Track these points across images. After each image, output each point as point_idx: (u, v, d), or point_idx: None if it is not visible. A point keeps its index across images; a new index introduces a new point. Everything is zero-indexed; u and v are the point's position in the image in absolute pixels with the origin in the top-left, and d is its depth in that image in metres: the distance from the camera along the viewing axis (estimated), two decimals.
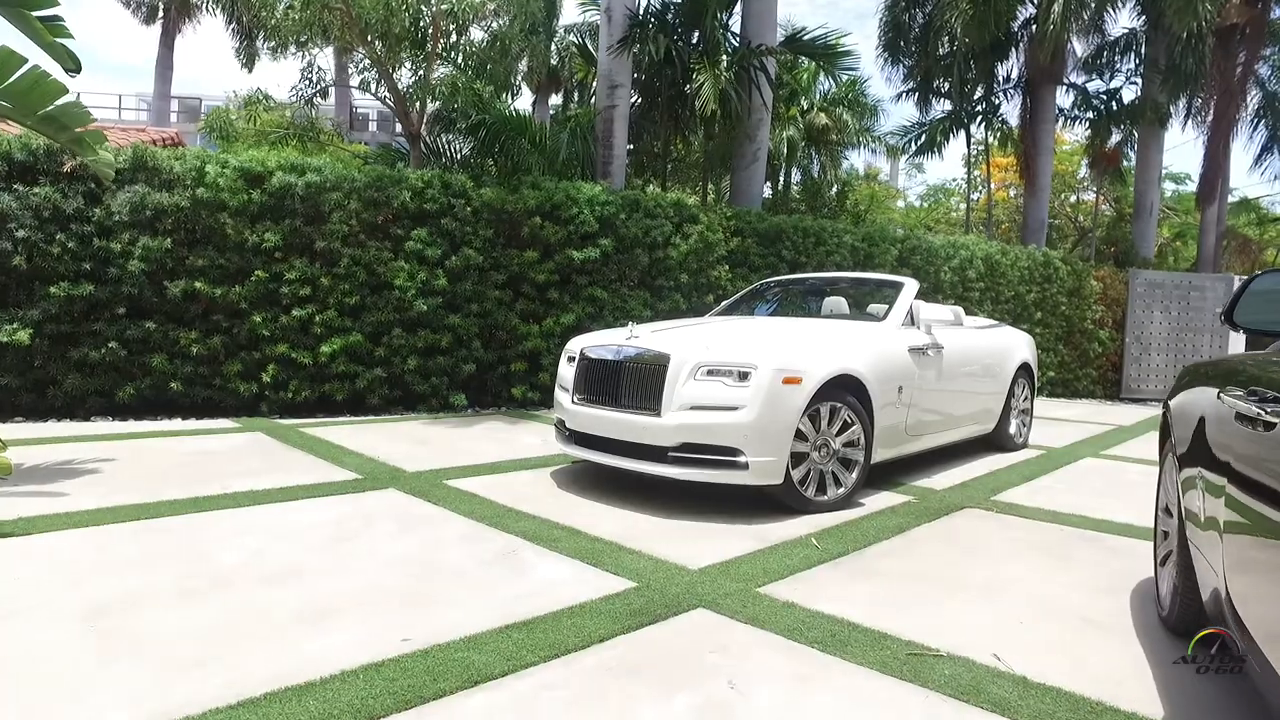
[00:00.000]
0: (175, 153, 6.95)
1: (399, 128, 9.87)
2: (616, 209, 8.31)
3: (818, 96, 18.49)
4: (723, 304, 6.35)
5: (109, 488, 4.14)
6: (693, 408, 3.97)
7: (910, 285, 5.40)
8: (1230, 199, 20.68)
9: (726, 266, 8.99)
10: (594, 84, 11.66)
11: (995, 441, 6.23)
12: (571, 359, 4.73)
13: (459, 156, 11.23)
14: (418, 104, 9.00)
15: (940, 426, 5.30)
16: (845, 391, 4.25)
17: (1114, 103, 16.17)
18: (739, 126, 10.77)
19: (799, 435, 4.04)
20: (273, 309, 7.06)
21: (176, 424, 6.29)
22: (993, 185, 20.39)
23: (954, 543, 3.74)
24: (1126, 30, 16.64)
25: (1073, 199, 25.49)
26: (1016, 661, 2.43)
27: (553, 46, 18.77)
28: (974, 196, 23.07)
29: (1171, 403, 2.61)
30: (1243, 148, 17.28)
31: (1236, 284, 14.48)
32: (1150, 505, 4.54)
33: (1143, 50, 16.11)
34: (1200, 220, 17.45)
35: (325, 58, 9.97)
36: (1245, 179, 58.09)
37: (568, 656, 2.37)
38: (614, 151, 9.70)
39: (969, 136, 16.59)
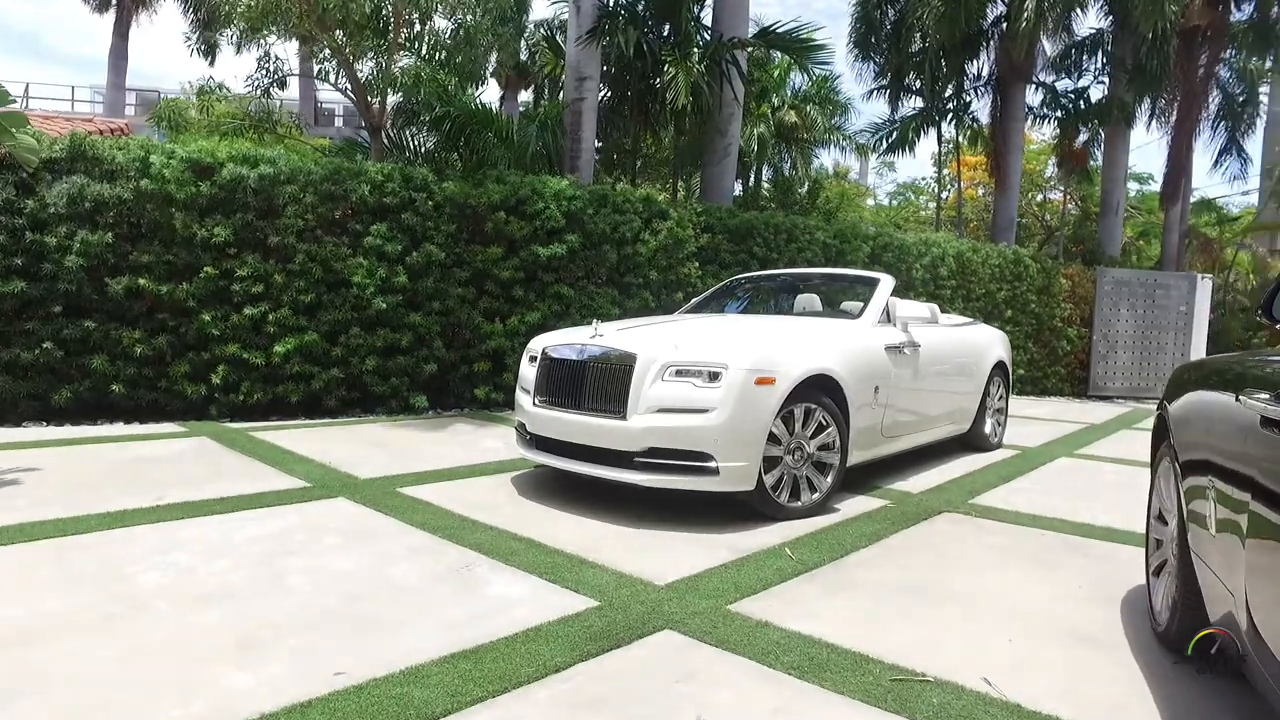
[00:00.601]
0: (118, 142, 6.58)
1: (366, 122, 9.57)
2: (584, 204, 8.07)
3: (789, 94, 18.38)
4: (692, 301, 6.15)
5: (29, 500, 3.82)
6: (660, 410, 3.76)
7: (886, 281, 5.24)
8: (1191, 199, 20.93)
9: (696, 264, 8.79)
10: (563, 77, 11.39)
11: (971, 441, 6.10)
12: (533, 359, 4.49)
13: (423, 150, 10.91)
14: (379, 95, 8.68)
15: (917, 427, 5.14)
16: (820, 392, 4.06)
17: (1082, 102, 16.26)
18: (710, 121, 10.58)
19: (772, 438, 3.85)
20: (223, 307, 6.72)
21: (117, 429, 5.94)
22: (962, 184, 20.44)
23: (934, 551, 3.57)
24: (1094, 30, 16.73)
25: (1039, 198, 25.67)
26: (1008, 686, 2.25)
27: (522, 43, 18.47)
28: (943, 195, 23.14)
29: (1172, 406, 2.44)
30: (1203, 149, 17.59)
31: (1200, 282, 14.66)
32: (1131, 508, 4.44)
33: (1109, 50, 16.20)
34: (1164, 219, 17.61)
35: (287, 49, 9.58)
36: (1205, 179, 59.20)
37: (519, 690, 2.14)
38: (582, 145, 9.46)
39: (940, 134, 16.58)
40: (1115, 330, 13.79)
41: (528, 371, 4.52)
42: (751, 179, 19.02)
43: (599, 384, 3.97)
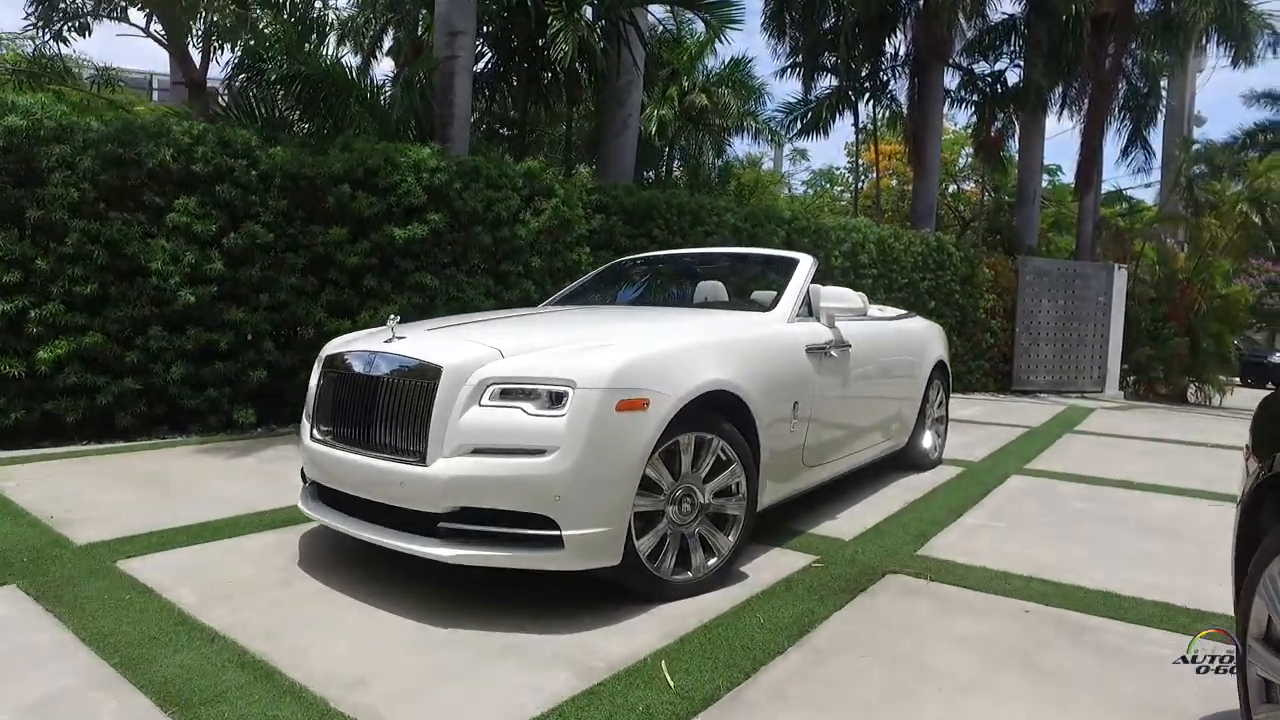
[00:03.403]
0: None
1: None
2: (450, 177, 6.72)
3: (700, 77, 17.39)
4: (561, 291, 4.88)
5: None
6: (476, 451, 2.49)
7: (805, 263, 4.09)
8: (1102, 190, 20.90)
9: (587, 249, 7.55)
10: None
11: (908, 458, 5.04)
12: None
13: (273, 117, 9.32)
14: (198, 43, 7.10)
15: (847, 448, 4.02)
16: (718, 415, 2.87)
17: (999, 85, 15.75)
18: (606, 89, 9.36)
19: (647, 485, 2.64)
20: None
21: None
22: (879, 173, 19.82)
23: (882, 654, 2.41)
24: (1007, 16, 16.26)
25: (952, 188, 25.43)
26: None
27: (421, 14, 16.88)
28: (859, 185, 22.56)
29: None
30: (1111, 140, 17.43)
31: (1117, 272, 14.27)
32: (1118, 553, 3.34)
33: (1024, 33, 15.74)
34: (1079, 209, 17.34)
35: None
36: (1112, 171, 60.80)
37: None
38: (455, 111, 8.07)
39: (857, 115, 15.79)
40: (1037, 322, 13.24)
41: (313, 388, 3.19)
42: (663, 167, 17.96)
43: (391, 410, 2.68)
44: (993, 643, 2.49)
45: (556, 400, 2.48)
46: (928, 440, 5.12)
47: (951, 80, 15.97)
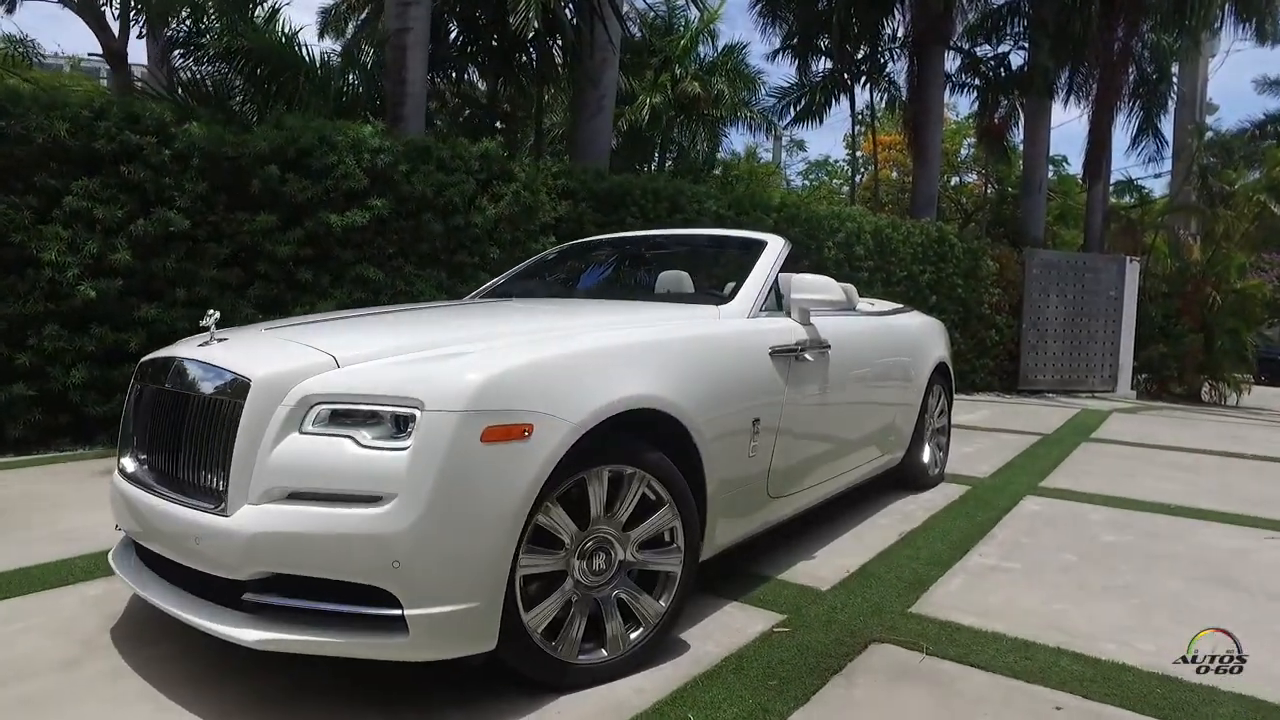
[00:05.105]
0: None
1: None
2: (395, 158, 6.04)
3: (694, 65, 16.76)
4: (489, 283, 4.14)
5: None
6: (292, 496, 1.78)
7: (774, 246, 3.34)
8: (1111, 180, 20.15)
9: (553, 237, 6.85)
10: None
11: (904, 476, 4.31)
12: None
13: (216, 95, 8.63)
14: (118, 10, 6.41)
15: (827, 471, 3.30)
16: (641, 442, 2.15)
17: (1002, 69, 15.01)
18: (579, 68, 8.64)
19: (541, 540, 1.93)
20: None
21: None
22: (877, 161, 19.09)
23: None
24: None
25: (954, 180, 24.73)
26: None
27: None
28: (857, 178, 21.86)
29: None
30: (1120, 128, 16.72)
31: (1129, 266, 13.55)
32: (1168, 606, 2.54)
33: (1029, 13, 15.01)
34: (1087, 198, 16.61)
35: None
36: (1122, 160, 59.58)
37: None
38: (408, 89, 7.37)
39: (853, 101, 15.05)
40: (1045, 318, 12.52)
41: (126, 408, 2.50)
42: (656, 159, 17.32)
43: (193, 439, 1.98)
44: None
45: (401, 426, 1.77)
46: (927, 455, 4.40)
47: (952, 64, 15.28)
